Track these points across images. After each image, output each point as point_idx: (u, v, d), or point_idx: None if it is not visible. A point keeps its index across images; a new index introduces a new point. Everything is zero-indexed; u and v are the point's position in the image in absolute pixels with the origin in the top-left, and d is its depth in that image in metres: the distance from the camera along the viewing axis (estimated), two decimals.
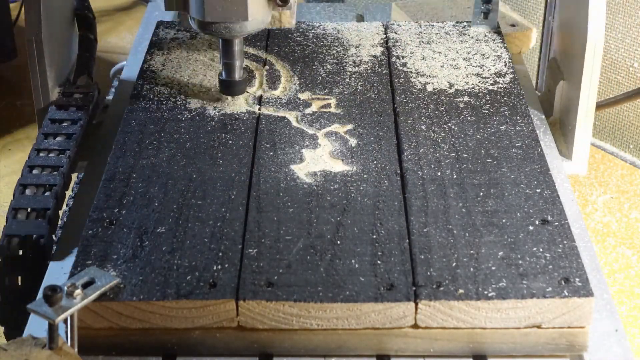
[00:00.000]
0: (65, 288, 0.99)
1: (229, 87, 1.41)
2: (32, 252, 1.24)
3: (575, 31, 1.51)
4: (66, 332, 1.01)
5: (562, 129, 1.56)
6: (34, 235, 1.25)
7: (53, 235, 1.28)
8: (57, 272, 1.22)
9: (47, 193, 1.33)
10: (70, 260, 1.19)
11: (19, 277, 1.25)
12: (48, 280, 1.21)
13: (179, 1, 1.36)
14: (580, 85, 1.46)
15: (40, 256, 1.24)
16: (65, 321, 1.00)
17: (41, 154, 1.41)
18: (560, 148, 1.52)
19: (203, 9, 1.32)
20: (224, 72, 1.41)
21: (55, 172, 1.37)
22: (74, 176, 1.61)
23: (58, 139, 1.45)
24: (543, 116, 1.57)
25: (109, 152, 1.32)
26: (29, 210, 1.30)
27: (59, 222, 1.49)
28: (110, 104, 1.64)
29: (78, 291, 1.00)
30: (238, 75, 1.41)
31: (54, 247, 1.29)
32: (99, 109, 1.60)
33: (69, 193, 1.53)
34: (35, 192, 1.33)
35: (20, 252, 1.24)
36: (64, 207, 1.51)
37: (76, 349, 1.01)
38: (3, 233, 1.26)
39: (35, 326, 1.10)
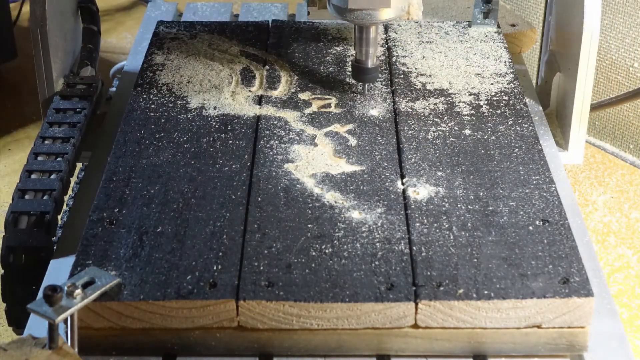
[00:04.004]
0: (65, 288, 0.99)
1: (363, 73, 1.43)
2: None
3: (571, 23, 1.53)
4: (66, 332, 1.01)
5: (559, 120, 1.59)
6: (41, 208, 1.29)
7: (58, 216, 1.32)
8: (57, 272, 1.22)
9: (53, 176, 1.36)
10: (70, 260, 1.19)
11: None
12: (48, 280, 1.21)
13: None
14: (576, 77, 1.49)
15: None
16: (65, 321, 1.00)
17: (46, 142, 1.44)
18: (557, 139, 1.55)
19: None
20: (358, 59, 1.43)
21: (60, 159, 1.40)
22: (78, 166, 1.63)
23: (63, 127, 1.48)
24: (540, 107, 1.59)
25: (112, 143, 1.33)
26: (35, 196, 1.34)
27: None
28: (113, 95, 1.67)
29: (78, 291, 1.00)
30: (371, 62, 1.42)
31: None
32: (102, 100, 1.63)
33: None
34: (40, 176, 1.36)
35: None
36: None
37: (76, 349, 1.01)
38: (10, 210, 1.30)
39: (35, 326, 1.10)
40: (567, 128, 1.53)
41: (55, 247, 1.29)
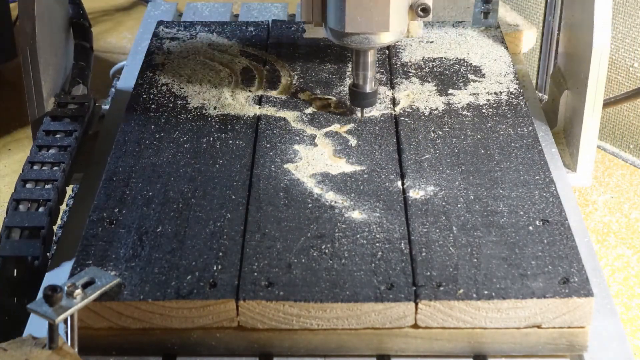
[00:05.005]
0: (65, 288, 0.99)
1: (360, 98, 1.38)
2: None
3: (580, 41, 1.49)
4: (66, 332, 1.01)
5: (567, 140, 1.54)
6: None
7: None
8: (57, 273, 1.22)
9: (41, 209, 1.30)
10: (69, 262, 1.19)
11: None
12: (48, 280, 1.21)
13: (316, 12, 1.33)
14: (585, 97, 1.44)
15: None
16: (65, 321, 1.00)
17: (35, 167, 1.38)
18: (564, 159, 1.49)
19: (344, 20, 1.29)
20: (355, 83, 1.37)
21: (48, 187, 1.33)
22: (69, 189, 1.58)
23: (52, 151, 1.42)
24: (547, 127, 1.54)
25: (104, 164, 1.29)
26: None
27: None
28: (106, 113, 1.61)
29: (78, 291, 1.00)
30: (369, 87, 1.37)
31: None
32: (94, 120, 1.57)
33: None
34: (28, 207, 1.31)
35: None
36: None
37: (76, 349, 1.01)
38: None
39: (35, 326, 1.10)
40: (576, 149, 1.48)
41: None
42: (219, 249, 1.12)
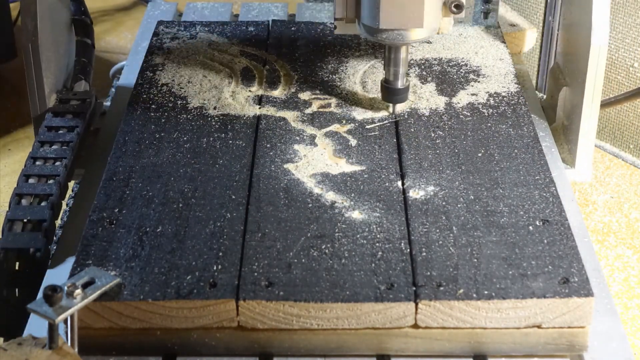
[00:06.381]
0: (66, 288, 0.99)
1: (392, 94, 1.39)
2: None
3: (578, 37, 1.49)
4: (66, 332, 1.01)
5: (565, 136, 1.54)
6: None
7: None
8: (57, 273, 1.22)
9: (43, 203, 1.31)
10: (70, 261, 1.19)
11: None
12: (48, 280, 1.21)
13: (350, 9, 1.34)
14: (583, 92, 1.44)
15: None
16: (65, 321, 1.00)
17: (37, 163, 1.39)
18: (563, 155, 1.50)
19: (378, 16, 1.30)
20: (387, 79, 1.39)
21: (51, 182, 1.34)
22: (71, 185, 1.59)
23: (54, 147, 1.42)
24: (546, 123, 1.55)
25: (106, 160, 1.30)
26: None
27: (59, 221, 1.48)
28: (107, 110, 1.62)
29: (78, 291, 1.00)
30: (401, 82, 1.38)
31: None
32: (96, 116, 1.58)
33: (69, 193, 1.53)
34: (30, 202, 1.31)
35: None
36: (64, 206, 1.51)
37: (76, 349, 1.01)
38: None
39: (35, 326, 1.10)
40: (575, 145, 1.48)
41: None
42: (219, 249, 1.12)
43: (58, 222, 1.36)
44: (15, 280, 1.22)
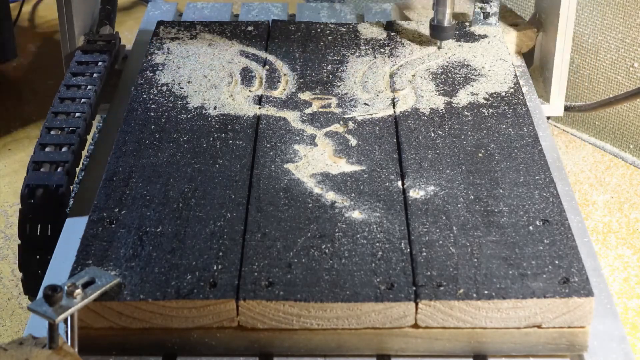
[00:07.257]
0: (66, 288, 0.99)
1: (441, 32, 1.57)
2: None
3: None
4: (66, 332, 1.01)
5: (541, 77, 1.75)
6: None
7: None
8: (57, 272, 1.22)
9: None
10: (69, 261, 1.19)
11: None
12: (48, 279, 1.21)
13: None
14: (556, 36, 1.67)
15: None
16: (65, 321, 1.00)
17: (70, 90, 1.57)
18: (540, 93, 1.71)
19: None
20: (435, 18, 1.57)
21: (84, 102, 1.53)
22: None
23: (85, 77, 1.61)
24: (524, 64, 1.72)
25: (127, 98, 1.42)
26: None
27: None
28: (129, 54, 1.79)
29: (78, 291, 1.00)
30: (448, 21, 1.56)
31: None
32: (120, 56, 1.78)
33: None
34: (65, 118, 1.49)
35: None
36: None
37: (76, 349, 1.01)
38: None
39: (36, 326, 1.10)
40: (549, 83, 1.71)
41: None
42: (219, 248, 1.12)
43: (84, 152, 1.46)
44: (37, 214, 1.33)
